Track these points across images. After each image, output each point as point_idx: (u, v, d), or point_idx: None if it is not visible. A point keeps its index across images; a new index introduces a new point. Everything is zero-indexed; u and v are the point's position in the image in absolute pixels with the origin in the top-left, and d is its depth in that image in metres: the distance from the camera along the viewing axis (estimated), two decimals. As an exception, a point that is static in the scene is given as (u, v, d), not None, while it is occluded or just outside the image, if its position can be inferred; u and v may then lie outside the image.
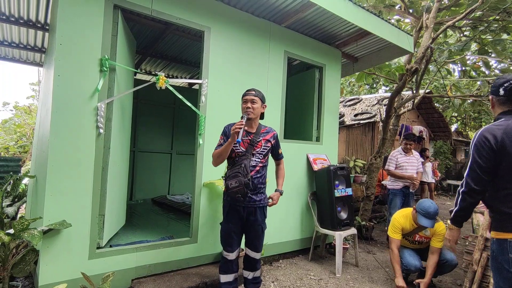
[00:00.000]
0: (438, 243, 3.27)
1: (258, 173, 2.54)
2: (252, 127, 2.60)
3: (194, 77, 7.16)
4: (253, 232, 2.62)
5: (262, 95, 2.59)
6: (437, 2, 5.46)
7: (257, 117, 2.58)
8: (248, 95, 2.55)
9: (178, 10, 3.19)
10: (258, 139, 2.57)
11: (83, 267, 2.60)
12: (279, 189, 2.78)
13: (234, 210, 2.55)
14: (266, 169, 2.66)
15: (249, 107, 2.51)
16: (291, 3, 3.60)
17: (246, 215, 2.55)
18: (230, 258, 2.60)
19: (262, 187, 2.61)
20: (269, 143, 2.62)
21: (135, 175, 6.12)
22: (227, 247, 2.59)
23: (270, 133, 2.67)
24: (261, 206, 2.60)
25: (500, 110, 1.98)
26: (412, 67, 5.14)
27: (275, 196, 2.71)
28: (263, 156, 2.57)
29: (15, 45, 5.10)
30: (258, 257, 2.69)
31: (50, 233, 2.46)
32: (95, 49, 2.71)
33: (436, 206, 3.19)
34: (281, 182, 2.82)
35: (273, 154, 2.77)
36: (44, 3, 3.82)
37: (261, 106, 2.57)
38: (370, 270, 3.91)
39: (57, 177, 2.51)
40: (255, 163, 2.53)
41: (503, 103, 1.95)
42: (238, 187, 2.38)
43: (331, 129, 4.69)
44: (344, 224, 3.96)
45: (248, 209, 2.55)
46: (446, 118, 11.07)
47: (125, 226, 3.84)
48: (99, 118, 2.71)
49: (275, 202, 2.70)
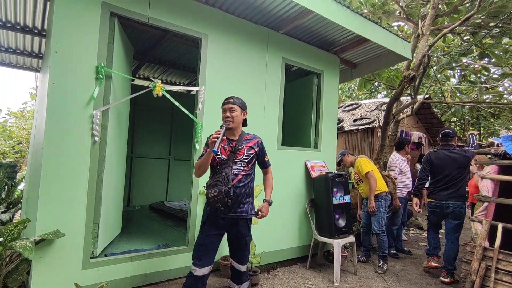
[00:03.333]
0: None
1: (240, 182, 2.44)
2: (234, 135, 2.53)
3: (192, 83, 7.14)
4: (236, 244, 2.54)
5: (241, 102, 2.53)
6: (433, 9, 5.48)
7: (238, 125, 2.52)
8: (226, 104, 2.48)
9: (175, 18, 3.18)
10: (240, 146, 2.48)
11: (77, 278, 2.56)
12: (267, 199, 2.64)
13: (213, 221, 2.45)
14: (251, 178, 2.56)
15: (228, 116, 2.44)
16: (289, 10, 3.59)
17: (228, 227, 2.46)
18: (196, 274, 2.39)
19: (246, 198, 2.49)
20: (252, 150, 2.52)
21: (133, 181, 6.08)
22: (195, 260, 2.43)
23: (253, 140, 2.58)
24: (243, 217, 2.48)
25: (441, 144, 4.22)
26: (409, 74, 5.14)
27: (263, 208, 2.59)
28: (245, 164, 2.48)
29: (12, 51, 5.08)
30: (244, 270, 2.60)
31: (43, 243, 2.42)
32: (91, 56, 2.69)
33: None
34: (269, 191, 2.68)
35: (259, 162, 2.66)
36: (41, 10, 3.81)
37: (241, 114, 2.51)
38: (368, 279, 3.87)
39: (50, 186, 2.48)
40: (237, 171, 2.44)
41: (441, 141, 4.22)
42: (217, 196, 2.28)
43: (329, 136, 4.67)
44: (343, 232, 3.91)
45: (230, 220, 2.45)
46: (444, 124, 11.07)
47: (121, 234, 3.80)
48: (94, 126, 2.68)
49: (264, 214, 2.59)
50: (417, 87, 6.20)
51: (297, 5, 3.40)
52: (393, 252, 4.83)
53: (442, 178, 4.00)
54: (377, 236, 4.21)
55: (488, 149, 3.96)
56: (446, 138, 4.14)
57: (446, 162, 3.99)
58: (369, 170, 4.17)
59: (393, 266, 4.41)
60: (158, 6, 3.07)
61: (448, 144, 4.10)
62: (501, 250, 3.13)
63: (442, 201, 3.94)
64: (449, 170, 3.96)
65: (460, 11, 6.10)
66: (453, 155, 3.97)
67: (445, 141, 4.16)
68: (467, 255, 3.33)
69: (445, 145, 4.12)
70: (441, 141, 4.20)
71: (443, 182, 3.98)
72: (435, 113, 9.79)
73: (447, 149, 4.06)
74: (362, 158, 4.39)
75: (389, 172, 5.02)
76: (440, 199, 3.96)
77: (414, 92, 6.30)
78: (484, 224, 3.32)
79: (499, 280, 3.02)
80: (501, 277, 3.02)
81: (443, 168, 4.01)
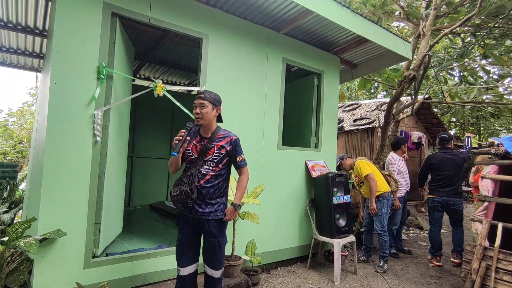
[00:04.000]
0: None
1: (208, 183, 2.34)
2: (206, 132, 2.43)
3: (192, 83, 7.15)
4: (207, 247, 2.44)
5: (213, 97, 2.39)
6: (434, 9, 5.49)
7: (209, 122, 2.39)
8: (197, 99, 2.35)
9: (176, 18, 3.19)
10: (210, 145, 2.37)
11: (78, 277, 2.57)
12: (234, 202, 2.45)
13: (184, 220, 2.41)
14: (223, 179, 2.44)
15: (198, 112, 2.34)
16: (290, 11, 3.60)
17: (197, 226, 2.39)
18: (181, 273, 2.42)
19: (215, 198, 2.38)
20: (223, 150, 2.39)
21: (133, 181, 6.09)
22: (177, 260, 2.43)
23: (226, 139, 2.43)
24: (211, 218, 2.36)
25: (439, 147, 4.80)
26: (410, 74, 5.15)
27: (228, 211, 2.43)
28: (215, 164, 2.36)
29: (13, 51, 5.09)
30: (217, 276, 2.47)
31: (44, 242, 2.43)
32: (92, 56, 2.70)
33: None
34: (239, 194, 2.48)
35: (232, 161, 2.49)
36: (42, 10, 3.82)
37: (212, 110, 2.37)
38: (368, 278, 3.88)
39: (52, 186, 2.49)
40: (205, 171, 2.34)
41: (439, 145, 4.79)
42: (178, 196, 2.23)
43: (329, 135, 4.68)
44: (343, 231, 3.92)
45: (197, 221, 2.36)
46: (444, 124, 11.06)
47: (122, 233, 3.81)
48: (95, 126, 2.69)
49: (227, 218, 2.42)
50: (418, 87, 6.20)
51: (298, 6, 3.41)
52: (393, 252, 4.84)
53: (442, 178, 4.54)
54: (379, 236, 4.22)
55: (488, 149, 3.97)
56: (443, 142, 4.77)
57: (445, 163, 4.56)
58: (369, 173, 4.19)
59: (393, 265, 4.42)
60: (159, 7, 3.08)
61: (445, 148, 4.73)
62: (501, 249, 3.13)
63: (444, 197, 4.49)
64: (448, 170, 4.53)
65: (460, 11, 6.11)
66: (451, 156, 4.59)
67: (442, 145, 4.78)
68: (467, 254, 3.33)
69: (442, 148, 4.76)
70: (439, 145, 4.86)
71: (444, 181, 4.53)
72: (435, 113, 9.79)
73: (444, 151, 4.69)
74: (361, 160, 4.40)
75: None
76: (442, 196, 4.51)
77: (414, 92, 6.30)
78: (484, 223, 3.33)
79: (499, 280, 3.03)
80: (501, 276, 3.02)
81: (442, 168, 4.56)
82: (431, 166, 4.70)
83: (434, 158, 4.69)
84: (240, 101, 3.70)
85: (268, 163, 3.90)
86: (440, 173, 4.55)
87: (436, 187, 4.60)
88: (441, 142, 4.77)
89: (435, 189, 4.60)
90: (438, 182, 4.58)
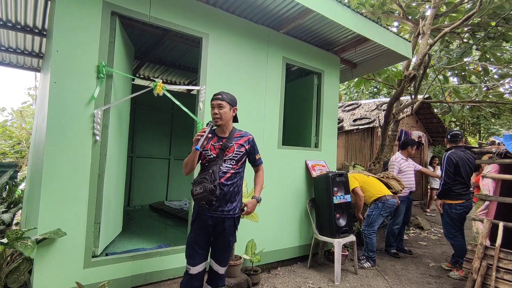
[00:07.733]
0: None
1: (228, 180, 2.37)
2: (224, 132, 2.47)
3: (192, 83, 7.14)
4: (219, 244, 2.45)
5: (230, 98, 2.44)
6: (433, 8, 5.48)
7: (227, 122, 2.44)
8: (214, 100, 2.39)
9: (176, 17, 3.19)
10: (230, 143, 2.41)
11: (78, 277, 2.56)
12: (256, 196, 2.56)
13: (200, 219, 2.39)
14: (241, 176, 2.49)
15: (216, 112, 2.37)
16: (290, 10, 3.60)
17: (215, 225, 2.39)
18: (191, 272, 2.39)
19: (234, 196, 2.42)
20: (242, 148, 2.45)
21: (133, 181, 6.08)
22: (188, 259, 2.41)
23: (244, 138, 2.50)
24: (230, 216, 2.40)
25: (449, 145, 4.32)
26: (410, 74, 5.14)
27: (250, 204, 2.51)
28: (235, 162, 2.41)
29: (12, 50, 5.08)
30: (222, 272, 2.49)
31: (44, 242, 2.42)
32: (92, 55, 2.69)
33: None
34: (259, 188, 2.61)
35: (250, 160, 2.59)
36: (42, 9, 3.81)
37: (230, 110, 2.42)
38: (369, 278, 3.87)
39: (52, 185, 2.48)
40: (226, 169, 2.37)
41: (450, 142, 4.33)
42: (202, 193, 2.21)
43: (329, 135, 4.68)
44: (343, 231, 3.92)
45: (216, 219, 2.37)
46: (444, 123, 11.07)
47: (121, 233, 3.80)
48: (95, 125, 2.68)
49: (249, 210, 2.50)
50: (418, 87, 6.20)
51: (298, 5, 3.40)
52: (394, 252, 4.83)
53: (464, 179, 4.09)
54: (364, 237, 4.34)
55: (489, 148, 3.96)
56: (455, 139, 4.26)
57: (463, 163, 4.07)
58: (355, 187, 4.32)
59: (394, 265, 4.41)
60: (159, 6, 3.07)
61: (458, 146, 4.22)
62: (502, 248, 3.13)
63: (469, 200, 4.08)
64: (466, 171, 4.08)
65: (459, 10, 6.11)
66: (466, 155, 4.11)
67: (454, 142, 4.25)
68: (468, 254, 3.33)
69: (455, 146, 4.22)
70: (450, 142, 4.29)
71: (465, 183, 4.10)
72: (435, 113, 9.79)
73: (462, 150, 4.15)
74: (350, 174, 4.52)
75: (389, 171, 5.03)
76: (468, 199, 4.07)
77: (414, 92, 6.29)
78: (485, 223, 3.33)
79: (500, 279, 3.02)
80: (502, 275, 3.02)
81: (462, 169, 4.06)
82: (456, 165, 4.06)
83: (456, 157, 4.08)
84: (240, 101, 3.64)
85: (268, 163, 3.88)
86: (461, 175, 4.07)
87: (461, 192, 4.07)
88: (453, 140, 4.27)
89: (461, 193, 4.07)
90: (462, 185, 4.08)
